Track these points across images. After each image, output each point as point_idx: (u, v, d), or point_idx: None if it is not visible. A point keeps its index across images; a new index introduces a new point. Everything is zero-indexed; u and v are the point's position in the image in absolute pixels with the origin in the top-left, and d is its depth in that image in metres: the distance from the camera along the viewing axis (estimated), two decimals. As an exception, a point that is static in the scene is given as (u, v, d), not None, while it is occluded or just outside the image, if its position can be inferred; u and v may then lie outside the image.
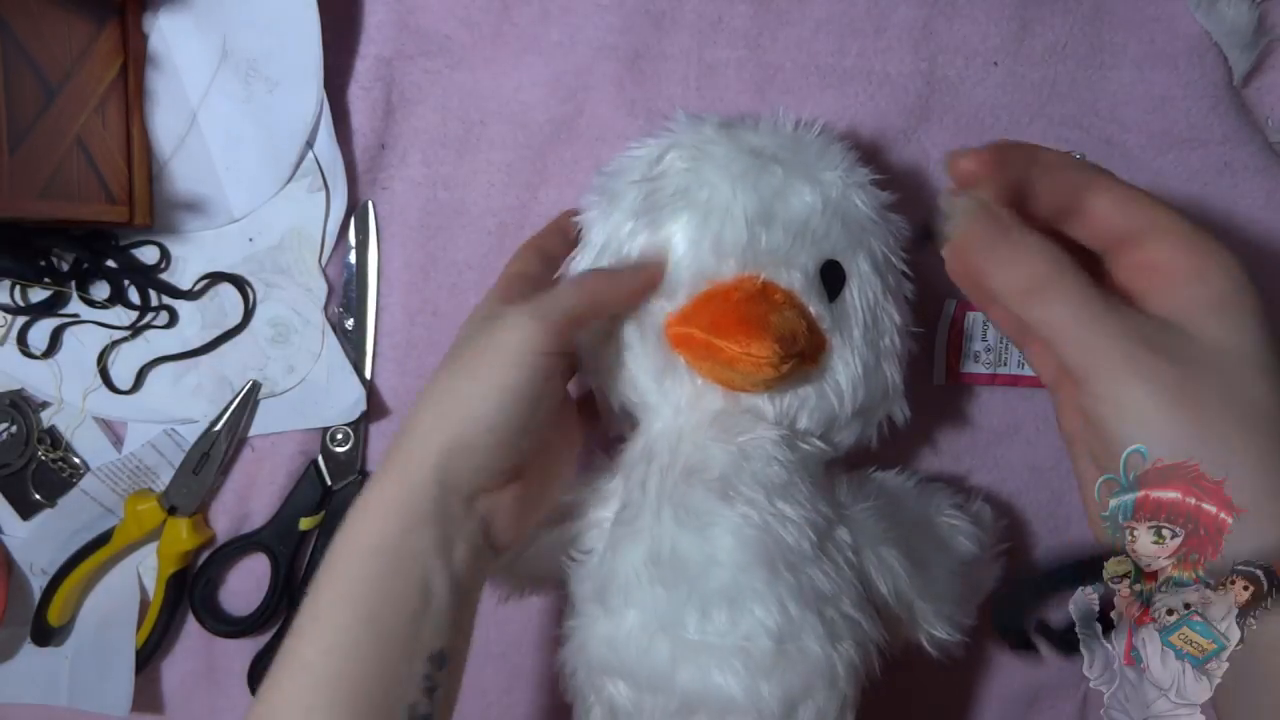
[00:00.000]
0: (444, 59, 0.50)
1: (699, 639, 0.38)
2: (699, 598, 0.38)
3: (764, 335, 0.37)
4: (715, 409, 0.41)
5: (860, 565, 0.40)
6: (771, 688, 0.37)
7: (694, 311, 0.40)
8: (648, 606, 0.39)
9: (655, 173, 0.42)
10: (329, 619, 0.35)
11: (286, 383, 0.50)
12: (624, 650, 0.39)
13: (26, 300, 0.49)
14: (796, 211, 0.40)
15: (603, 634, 0.40)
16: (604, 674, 0.40)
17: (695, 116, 0.43)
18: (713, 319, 0.39)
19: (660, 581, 0.38)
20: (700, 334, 0.39)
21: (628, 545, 0.40)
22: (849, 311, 0.41)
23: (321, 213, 0.50)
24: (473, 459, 0.37)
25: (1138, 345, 0.31)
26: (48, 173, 0.42)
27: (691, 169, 0.41)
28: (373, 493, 0.37)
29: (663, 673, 0.38)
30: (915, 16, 0.49)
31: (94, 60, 0.45)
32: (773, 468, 0.39)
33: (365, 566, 0.35)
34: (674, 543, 0.39)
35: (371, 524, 0.36)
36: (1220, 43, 0.50)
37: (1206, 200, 0.51)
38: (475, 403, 0.37)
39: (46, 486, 0.51)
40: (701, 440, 0.40)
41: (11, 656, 0.51)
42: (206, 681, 0.53)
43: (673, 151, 0.42)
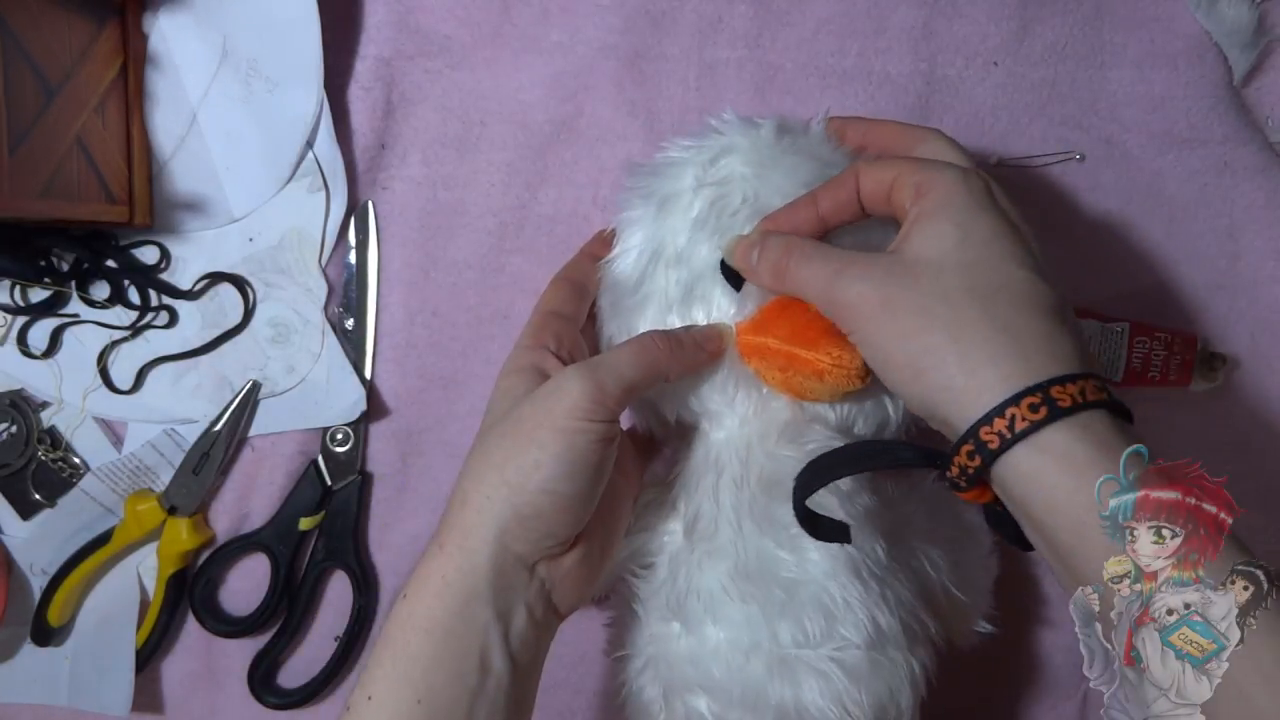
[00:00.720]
0: (444, 59, 0.50)
1: (793, 653, 0.37)
2: (790, 611, 0.37)
3: (852, 345, 0.36)
4: (783, 418, 0.40)
5: (918, 565, 0.41)
6: (863, 697, 0.37)
7: (769, 321, 0.38)
8: (737, 622, 0.38)
9: (716, 177, 0.40)
10: (385, 699, 0.34)
11: (286, 383, 0.50)
12: (711, 667, 0.38)
13: (26, 300, 0.49)
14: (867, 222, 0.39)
15: (684, 651, 0.39)
16: (686, 691, 0.39)
17: (748, 119, 0.41)
18: (793, 329, 0.38)
19: (750, 597, 0.38)
20: (779, 344, 0.38)
21: (709, 560, 0.39)
22: None
23: (321, 213, 0.50)
24: (534, 530, 0.36)
25: (859, 281, 0.35)
26: (48, 173, 0.42)
27: (757, 175, 0.39)
28: (430, 565, 0.36)
29: (756, 688, 0.37)
30: (915, 16, 0.50)
31: (94, 60, 0.45)
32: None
33: (422, 644, 0.34)
34: (761, 556, 0.38)
35: (429, 600, 0.35)
36: (1220, 43, 0.50)
37: (1206, 200, 0.51)
38: (536, 475, 0.35)
39: (46, 486, 0.51)
40: (773, 450, 0.39)
41: (11, 656, 0.51)
42: (206, 681, 0.53)
43: (730, 156, 0.40)
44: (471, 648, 0.35)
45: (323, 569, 0.52)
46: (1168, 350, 0.50)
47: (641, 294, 0.41)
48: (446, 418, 0.52)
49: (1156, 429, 0.52)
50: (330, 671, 0.51)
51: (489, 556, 0.35)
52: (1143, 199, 0.51)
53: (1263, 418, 0.52)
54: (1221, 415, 0.52)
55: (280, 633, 0.52)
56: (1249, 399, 0.52)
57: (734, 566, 0.38)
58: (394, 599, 0.37)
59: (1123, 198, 0.51)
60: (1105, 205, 0.51)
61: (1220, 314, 0.52)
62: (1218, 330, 0.52)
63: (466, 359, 0.51)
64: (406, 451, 0.52)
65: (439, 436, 0.52)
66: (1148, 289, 0.51)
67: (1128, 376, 0.50)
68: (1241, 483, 0.31)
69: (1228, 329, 0.52)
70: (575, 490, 0.36)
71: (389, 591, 0.52)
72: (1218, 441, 0.52)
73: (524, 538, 0.36)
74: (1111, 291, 0.51)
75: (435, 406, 0.52)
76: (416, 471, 0.52)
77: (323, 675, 0.51)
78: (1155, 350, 0.50)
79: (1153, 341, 0.50)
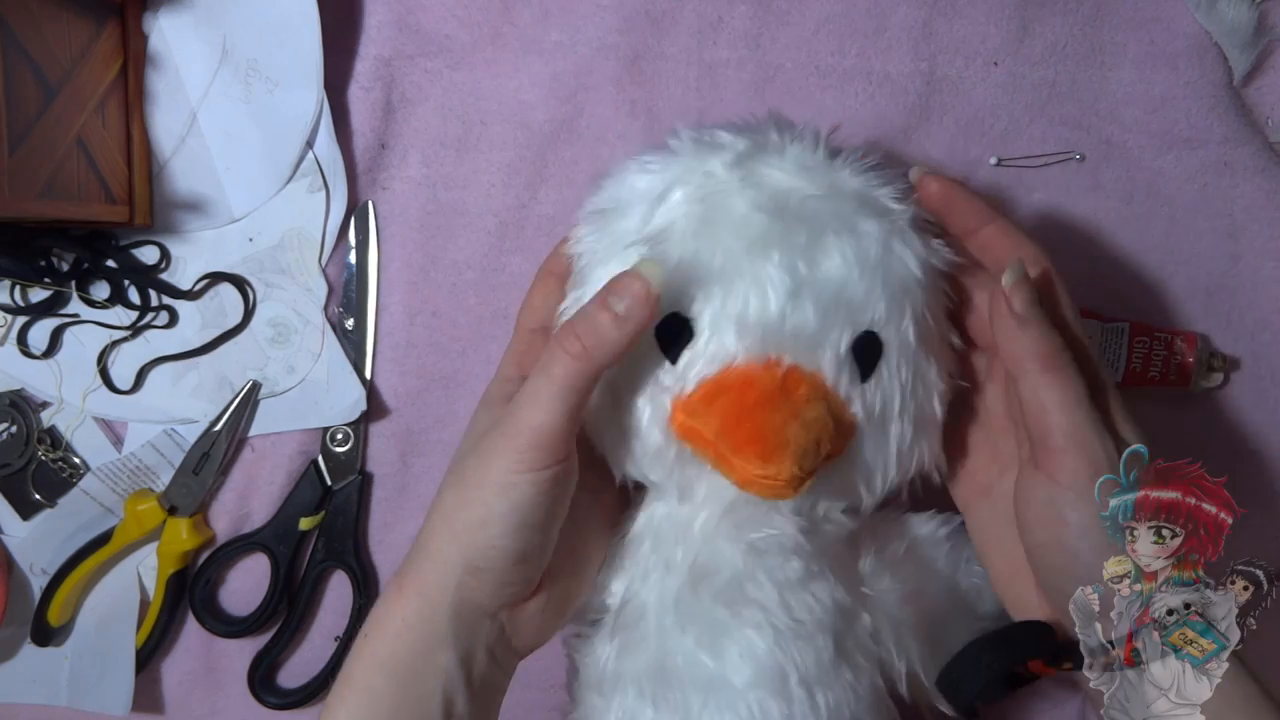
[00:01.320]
0: (444, 59, 0.50)
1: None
2: (712, 718, 0.35)
3: (782, 454, 0.32)
4: (728, 499, 0.37)
5: (879, 651, 0.38)
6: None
7: (702, 405, 0.34)
8: (649, 715, 0.36)
9: (658, 225, 0.35)
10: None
11: (286, 383, 0.50)
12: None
13: (26, 300, 0.49)
14: (829, 279, 0.34)
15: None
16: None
17: (704, 141, 0.37)
18: (723, 422, 0.33)
19: (663, 701, 0.36)
20: (710, 435, 0.34)
21: (628, 651, 0.37)
22: (885, 388, 0.35)
23: (321, 213, 0.50)
24: (489, 582, 0.35)
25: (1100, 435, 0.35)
26: (48, 173, 0.42)
27: (702, 226, 0.35)
28: (391, 608, 0.36)
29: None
30: (915, 16, 0.49)
31: (94, 60, 0.45)
32: (791, 563, 0.36)
33: (385, 685, 0.35)
34: (681, 656, 0.36)
35: (390, 642, 0.35)
36: (1220, 43, 0.50)
37: (1206, 200, 0.51)
38: (483, 532, 0.34)
39: (46, 486, 0.51)
40: (711, 535, 0.37)
41: (11, 656, 0.51)
42: (206, 681, 0.53)
43: (678, 190, 0.35)
44: (434, 689, 0.35)
45: (323, 569, 0.52)
46: (1168, 350, 0.50)
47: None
48: (446, 418, 0.52)
49: (1156, 429, 0.52)
50: (330, 672, 0.51)
51: (448, 604, 0.35)
52: (1143, 199, 0.51)
53: (1263, 418, 0.52)
54: (1221, 415, 0.52)
55: (280, 633, 0.52)
56: (1249, 399, 0.52)
57: (652, 662, 0.37)
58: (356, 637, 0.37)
59: (1123, 198, 0.51)
60: (1105, 205, 0.51)
61: (1220, 314, 0.52)
62: (1218, 330, 0.52)
63: (466, 359, 0.51)
64: (406, 451, 0.52)
65: (439, 436, 0.52)
66: (1148, 289, 0.51)
67: (1128, 376, 0.50)
68: (1241, 483, 0.31)
69: (1228, 329, 0.52)
70: (525, 544, 0.35)
71: (389, 591, 0.52)
72: (1218, 441, 0.52)
73: (480, 589, 0.35)
74: (1111, 291, 0.51)
75: (435, 406, 0.52)
76: (416, 471, 0.52)
77: (323, 675, 0.51)
78: (1155, 350, 0.50)
79: (1153, 341, 0.50)
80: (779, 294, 0.33)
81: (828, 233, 0.34)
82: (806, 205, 0.35)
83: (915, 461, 0.37)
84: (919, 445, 0.37)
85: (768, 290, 0.33)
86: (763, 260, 0.34)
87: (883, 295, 0.34)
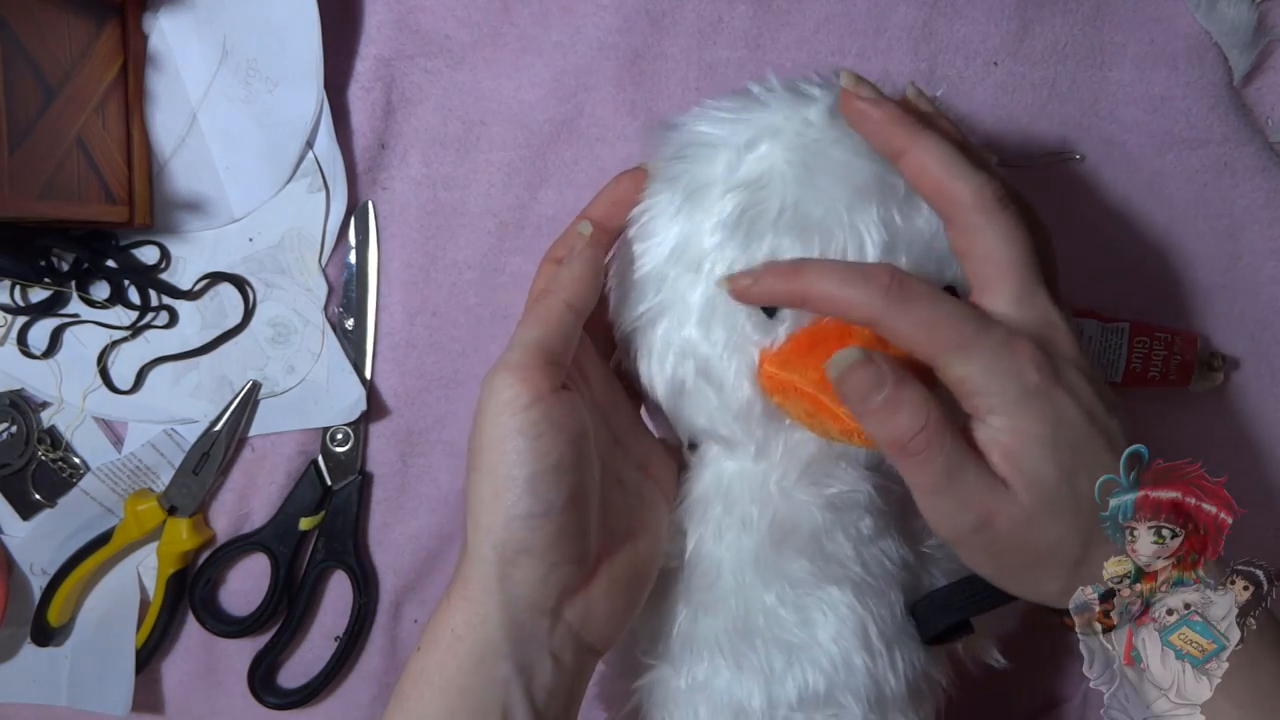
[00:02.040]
0: (444, 59, 0.50)
1: (786, 715, 0.36)
2: (791, 674, 0.35)
3: None
4: (806, 454, 0.36)
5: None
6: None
7: (798, 357, 0.33)
8: (730, 679, 0.36)
9: (750, 172, 0.34)
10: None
11: (286, 383, 0.50)
12: (701, 714, 0.37)
13: (26, 300, 0.49)
14: (920, 232, 0.34)
15: (675, 692, 0.37)
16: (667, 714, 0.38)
17: (797, 89, 0.35)
18: (823, 373, 0.32)
19: (744, 659, 0.36)
20: (808, 387, 0.33)
21: (705, 611, 0.37)
22: None
23: (321, 213, 0.50)
24: (531, 568, 0.33)
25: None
26: (48, 173, 0.42)
27: (800, 176, 0.34)
28: (440, 618, 0.34)
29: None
30: (915, 16, 0.49)
31: (94, 60, 0.45)
32: (864, 520, 0.36)
33: (436, 701, 0.33)
34: (763, 614, 0.36)
35: (440, 657, 0.33)
36: (1220, 43, 0.50)
37: (1206, 200, 0.51)
38: (500, 505, 0.32)
39: (46, 486, 0.51)
40: (791, 491, 0.36)
41: (11, 656, 0.51)
42: (206, 681, 0.53)
43: (769, 142, 0.34)
44: (491, 705, 0.32)
45: (323, 569, 0.52)
46: (1168, 350, 0.50)
47: (658, 301, 0.36)
48: (446, 418, 0.52)
49: (1156, 429, 0.52)
50: (330, 671, 0.51)
51: (497, 607, 0.33)
52: (1143, 199, 0.51)
53: (1263, 418, 0.52)
54: (1221, 415, 0.52)
55: (280, 633, 0.52)
56: (1249, 399, 0.52)
57: (731, 623, 0.36)
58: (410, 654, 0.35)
59: (1123, 198, 0.51)
60: (1105, 205, 0.51)
61: (1220, 314, 0.52)
62: (1218, 330, 0.52)
63: (466, 359, 0.51)
64: (406, 451, 0.52)
65: (439, 436, 0.52)
66: (1148, 289, 0.51)
67: (1128, 376, 0.50)
68: (1241, 483, 0.31)
69: (1228, 329, 0.52)
70: (546, 500, 0.32)
71: (389, 591, 0.52)
72: (1218, 441, 0.52)
73: (524, 579, 0.33)
74: (1111, 291, 0.51)
75: (435, 406, 0.52)
76: (416, 471, 0.52)
77: (323, 675, 0.51)
78: (1155, 350, 0.50)
79: (1153, 341, 0.50)
80: (876, 245, 0.33)
81: None
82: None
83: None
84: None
85: (865, 241, 0.33)
86: (862, 211, 0.33)
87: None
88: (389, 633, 0.52)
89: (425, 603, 0.52)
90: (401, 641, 0.53)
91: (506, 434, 0.32)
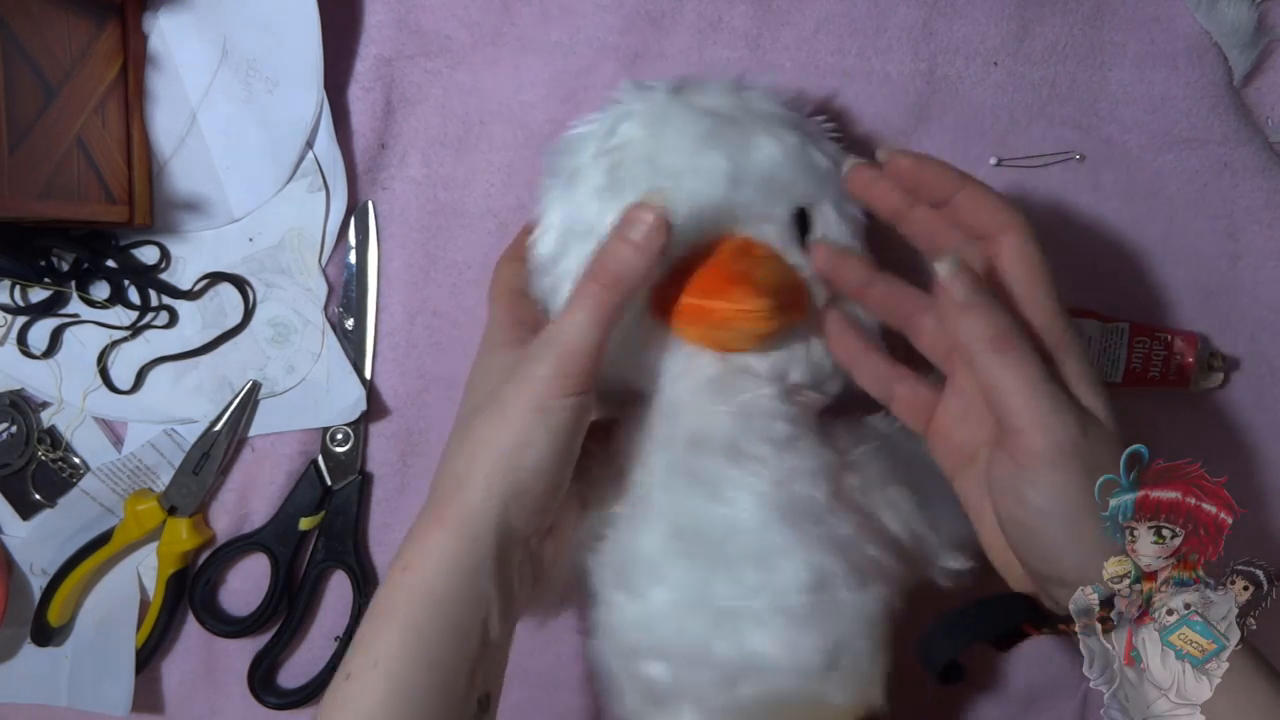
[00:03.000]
0: (444, 59, 0.50)
1: (732, 605, 0.37)
2: (727, 564, 0.38)
3: (753, 290, 0.38)
4: (709, 374, 0.41)
5: (870, 506, 0.41)
6: (811, 641, 0.37)
7: (678, 278, 0.39)
8: (676, 582, 0.38)
9: (612, 144, 0.41)
10: (389, 666, 0.34)
11: (286, 383, 0.50)
12: (657, 630, 0.38)
13: (26, 300, 0.49)
14: (762, 164, 0.40)
15: (631, 618, 0.39)
16: (637, 657, 0.39)
17: (641, 84, 0.43)
18: (700, 283, 0.39)
19: (686, 554, 0.38)
20: (691, 299, 0.39)
21: (645, 525, 0.39)
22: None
23: (321, 213, 0.50)
24: (529, 508, 0.37)
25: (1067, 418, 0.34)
26: (48, 173, 0.42)
27: (652, 135, 0.41)
28: (431, 538, 0.36)
29: (700, 646, 0.38)
30: (915, 16, 0.49)
31: (94, 60, 0.45)
32: (776, 424, 0.40)
33: (430, 616, 0.35)
34: (693, 513, 0.39)
35: (435, 574, 0.35)
36: (1220, 43, 0.50)
37: (1206, 200, 0.51)
38: (529, 454, 0.36)
39: (46, 486, 0.51)
40: (701, 406, 0.40)
41: (11, 656, 0.51)
42: (206, 681, 0.53)
43: (627, 122, 0.41)
44: (475, 618, 0.36)
45: (323, 569, 0.52)
46: (1168, 350, 0.50)
47: (558, 272, 0.42)
48: (446, 418, 0.51)
49: (1156, 429, 0.52)
50: (330, 672, 0.51)
51: (493, 535, 0.36)
52: (1143, 199, 0.51)
53: (1263, 418, 0.52)
54: (1221, 415, 0.52)
55: (280, 633, 0.52)
56: (1249, 399, 0.52)
57: (668, 527, 0.39)
58: (388, 572, 0.37)
59: (1123, 198, 0.51)
60: (1105, 205, 0.51)
61: (1220, 314, 0.52)
62: (1218, 330, 0.52)
63: (466, 359, 0.51)
64: (406, 451, 0.52)
65: (439, 436, 0.52)
66: (1148, 289, 0.51)
67: (1128, 376, 0.50)
68: (1241, 483, 0.31)
69: (1228, 329, 0.52)
70: (560, 465, 0.37)
71: (389, 591, 0.52)
72: (1218, 441, 0.52)
73: (521, 516, 0.37)
74: (1111, 291, 0.51)
75: (435, 406, 0.52)
76: (416, 471, 0.52)
77: (323, 675, 0.51)
78: (1155, 350, 0.50)
79: (1153, 341, 0.50)
80: (724, 178, 0.40)
81: (757, 132, 0.41)
82: (734, 114, 0.41)
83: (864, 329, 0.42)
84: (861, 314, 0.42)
85: (715, 176, 0.40)
86: (707, 153, 0.40)
87: (808, 179, 0.41)
88: (389, 633, 0.52)
89: (425, 603, 0.52)
90: (401, 641, 0.53)
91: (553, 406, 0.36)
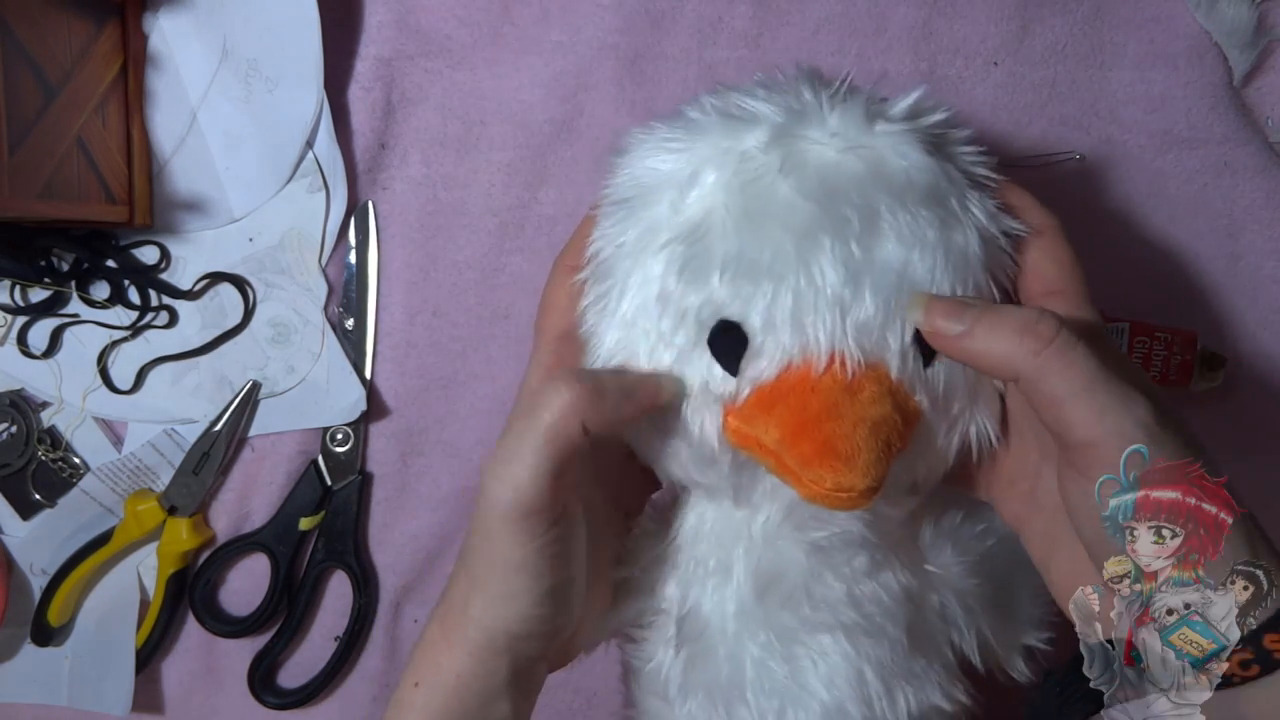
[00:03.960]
0: (444, 59, 0.50)
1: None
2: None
3: (853, 465, 0.29)
4: (788, 500, 0.34)
5: (949, 630, 0.37)
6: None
7: (759, 411, 0.31)
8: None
9: (692, 216, 0.32)
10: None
11: (286, 383, 0.50)
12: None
13: (26, 300, 0.49)
14: (888, 264, 0.31)
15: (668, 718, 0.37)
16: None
17: (732, 115, 0.33)
18: (784, 432, 0.30)
19: (735, 708, 0.35)
20: (771, 444, 0.31)
21: (693, 665, 0.36)
22: (949, 369, 0.32)
23: (321, 213, 0.50)
24: (538, 637, 0.34)
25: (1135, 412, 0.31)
26: (48, 173, 0.42)
27: (744, 219, 0.31)
28: (442, 660, 0.35)
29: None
30: (915, 16, 0.49)
31: (94, 60, 0.45)
32: (857, 559, 0.35)
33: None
34: (750, 665, 0.35)
35: (448, 697, 0.34)
36: (1220, 43, 0.50)
37: (1206, 200, 0.51)
38: (514, 604, 0.33)
39: (46, 486, 0.51)
40: (772, 538, 0.35)
41: (11, 656, 0.51)
42: (206, 681, 0.53)
43: (710, 173, 0.32)
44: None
45: (323, 569, 0.52)
46: (1168, 350, 0.50)
47: (630, 338, 0.34)
48: (446, 418, 0.52)
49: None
50: (330, 672, 0.51)
51: (506, 664, 0.34)
52: (1143, 199, 0.51)
53: (1263, 418, 0.52)
54: (1221, 415, 0.52)
55: (280, 633, 0.52)
56: (1249, 399, 0.52)
57: (722, 674, 0.35)
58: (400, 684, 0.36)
59: (1123, 198, 0.51)
60: (1105, 205, 0.51)
61: (1220, 314, 0.52)
62: (1218, 330, 0.52)
63: (466, 359, 0.51)
64: (406, 451, 0.52)
65: (439, 436, 0.52)
66: (1148, 289, 0.51)
67: (1128, 376, 0.50)
68: (1241, 483, 0.31)
69: (1228, 329, 0.52)
70: (557, 602, 0.33)
71: (389, 591, 0.52)
72: (1218, 441, 0.52)
73: (530, 646, 0.35)
74: (1111, 291, 0.51)
75: (435, 406, 0.52)
76: (416, 471, 0.52)
77: (323, 675, 0.51)
78: (1155, 350, 0.50)
79: (1153, 341, 0.50)
80: (835, 286, 0.30)
81: (881, 211, 0.31)
82: (858, 177, 0.31)
83: (976, 435, 0.35)
84: (980, 419, 0.34)
85: (823, 283, 0.30)
86: (814, 250, 0.30)
87: (945, 274, 0.31)
88: (389, 633, 0.52)
89: (425, 603, 0.53)
90: (401, 641, 0.53)
91: (520, 559, 0.32)
